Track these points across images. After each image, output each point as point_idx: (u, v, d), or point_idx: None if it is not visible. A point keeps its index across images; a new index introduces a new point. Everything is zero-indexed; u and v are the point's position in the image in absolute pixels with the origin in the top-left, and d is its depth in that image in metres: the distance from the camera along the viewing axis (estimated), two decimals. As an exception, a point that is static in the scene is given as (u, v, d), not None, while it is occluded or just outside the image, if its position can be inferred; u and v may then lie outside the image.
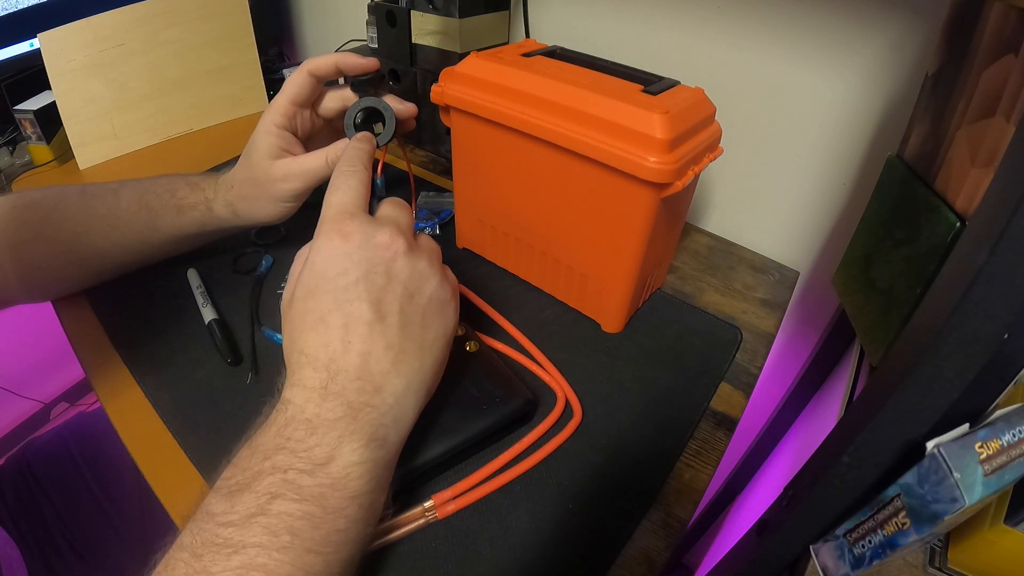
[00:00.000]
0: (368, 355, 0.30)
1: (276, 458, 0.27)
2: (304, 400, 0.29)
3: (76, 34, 0.64)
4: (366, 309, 0.30)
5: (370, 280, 0.31)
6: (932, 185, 0.38)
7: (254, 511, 0.25)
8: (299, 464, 0.27)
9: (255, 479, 0.26)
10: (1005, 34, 0.32)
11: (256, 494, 0.26)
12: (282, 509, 0.25)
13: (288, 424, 0.28)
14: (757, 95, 0.58)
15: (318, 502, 0.26)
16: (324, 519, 0.26)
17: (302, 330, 0.31)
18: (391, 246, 0.32)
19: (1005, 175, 0.20)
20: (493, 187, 0.50)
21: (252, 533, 0.24)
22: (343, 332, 0.30)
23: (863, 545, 0.25)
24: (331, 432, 0.28)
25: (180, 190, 0.47)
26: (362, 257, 0.31)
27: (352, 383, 0.29)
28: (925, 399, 0.22)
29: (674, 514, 0.36)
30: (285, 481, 0.26)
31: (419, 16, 0.66)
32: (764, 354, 0.49)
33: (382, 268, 0.31)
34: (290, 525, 0.25)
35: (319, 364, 0.30)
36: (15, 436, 1.28)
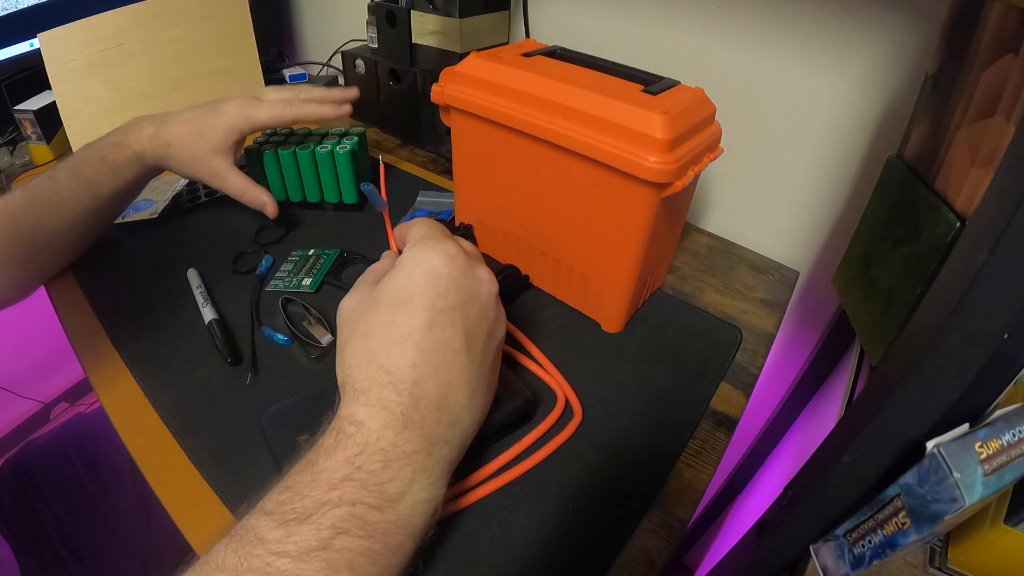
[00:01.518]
0: (450, 385, 0.29)
1: (344, 489, 0.25)
2: (382, 425, 0.27)
3: (76, 34, 0.64)
4: (458, 338, 0.29)
5: (466, 310, 0.30)
6: (932, 185, 0.38)
7: (316, 546, 0.24)
8: (369, 499, 0.25)
9: (318, 510, 0.24)
10: (1005, 34, 0.32)
11: (319, 527, 0.24)
12: (345, 545, 0.24)
13: (362, 452, 0.26)
14: (757, 95, 0.58)
15: (381, 539, 0.25)
16: (384, 556, 0.25)
17: (385, 343, 0.29)
18: (489, 283, 0.32)
19: (1005, 175, 0.20)
20: (493, 187, 0.50)
21: (311, 568, 0.23)
22: (431, 356, 0.29)
23: (863, 545, 0.25)
24: (407, 467, 0.27)
25: (108, 154, 0.49)
26: (463, 285, 0.30)
27: (432, 413, 0.28)
28: (925, 399, 0.22)
29: (674, 514, 0.36)
30: (352, 515, 0.25)
31: (419, 16, 0.66)
32: (764, 354, 0.49)
33: (477, 302, 0.31)
34: (350, 561, 0.24)
35: (403, 386, 0.28)
36: (15, 436, 1.28)
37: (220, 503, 0.35)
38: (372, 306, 0.30)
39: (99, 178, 0.48)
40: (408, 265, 0.30)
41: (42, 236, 0.46)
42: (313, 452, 0.27)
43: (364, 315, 0.30)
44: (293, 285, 0.50)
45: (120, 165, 0.49)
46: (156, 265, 0.52)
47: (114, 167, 0.48)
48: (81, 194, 0.47)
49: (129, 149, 0.49)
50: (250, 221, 0.57)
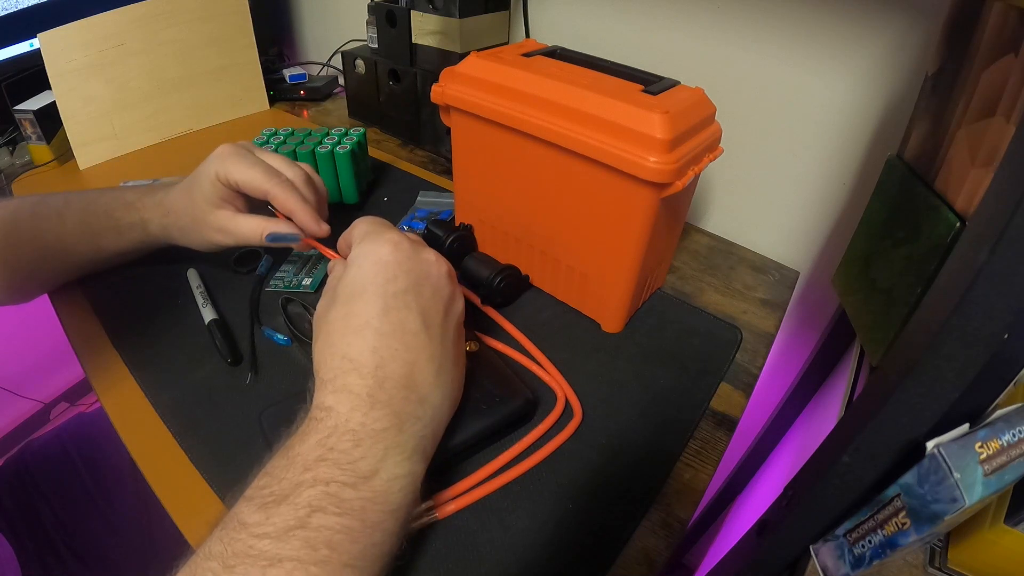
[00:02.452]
0: (414, 364, 0.30)
1: (318, 469, 0.26)
2: (350, 408, 0.28)
3: (76, 34, 0.64)
4: (414, 318, 0.31)
5: (418, 291, 0.32)
6: (932, 185, 0.38)
7: (293, 524, 0.24)
8: (342, 477, 0.26)
9: (294, 491, 0.25)
10: (1005, 34, 0.32)
11: (295, 506, 0.25)
12: (322, 523, 0.25)
13: (332, 434, 0.27)
14: (757, 95, 0.58)
15: (358, 516, 0.26)
16: (363, 533, 0.26)
17: (344, 333, 0.30)
18: (437, 263, 0.34)
19: (1005, 175, 0.20)
20: (493, 187, 0.50)
21: (290, 546, 0.24)
22: (390, 339, 0.30)
23: (863, 545, 0.25)
24: (377, 444, 0.28)
25: (117, 211, 0.47)
26: (411, 268, 0.32)
27: (399, 391, 0.29)
28: (925, 399, 0.22)
29: (674, 514, 0.36)
30: (327, 494, 0.25)
31: (419, 16, 0.66)
32: (764, 354, 0.49)
33: (429, 282, 0.32)
34: (329, 539, 0.25)
35: (366, 370, 0.29)
36: (15, 436, 1.28)
37: (220, 503, 0.35)
38: (331, 304, 0.32)
39: (104, 233, 0.47)
40: (357, 260, 0.32)
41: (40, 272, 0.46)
42: (289, 439, 0.28)
43: (326, 314, 0.32)
44: (293, 285, 0.50)
45: (125, 227, 0.47)
46: (156, 265, 0.52)
47: (119, 228, 0.47)
48: (83, 244, 0.47)
49: (137, 214, 0.47)
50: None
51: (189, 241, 0.47)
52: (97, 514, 0.61)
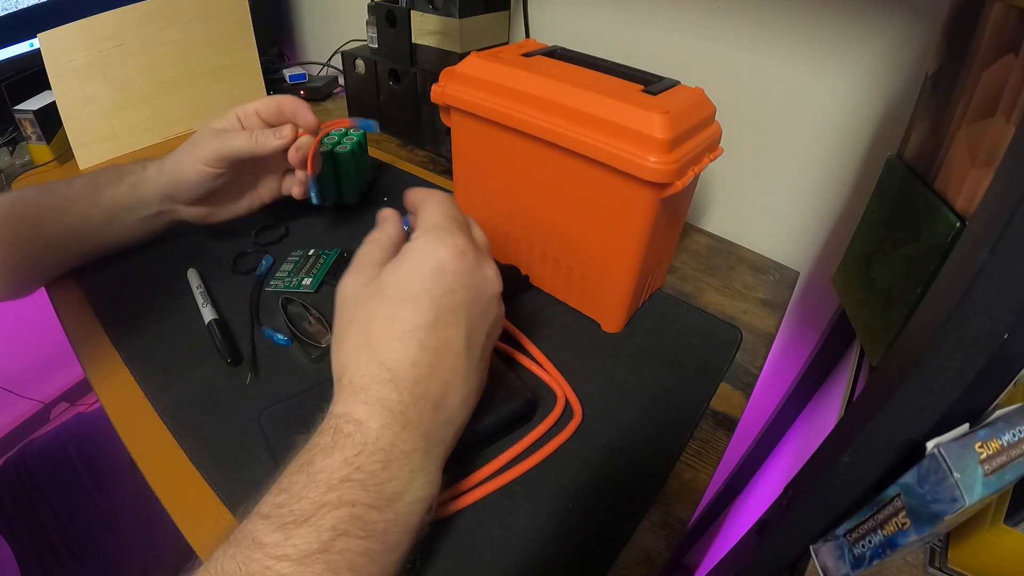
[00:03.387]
0: (448, 386, 0.29)
1: (343, 490, 0.25)
2: (381, 425, 0.27)
3: (76, 34, 0.64)
4: (461, 339, 0.29)
5: (470, 309, 0.30)
6: (932, 185, 0.38)
7: (316, 548, 0.23)
8: (368, 499, 0.25)
9: (317, 512, 0.24)
10: (1005, 34, 0.32)
11: (318, 529, 0.24)
12: (346, 546, 0.24)
13: (361, 452, 0.26)
14: (757, 95, 0.58)
15: (381, 539, 0.25)
16: (383, 554, 0.25)
17: (386, 337, 0.28)
18: (495, 283, 0.32)
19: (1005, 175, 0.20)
20: (493, 187, 0.50)
21: (312, 571, 0.23)
22: (433, 356, 0.28)
23: (863, 545, 0.25)
24: (405, 467, 0.27)
25: (126, 166, 0.49)
26: (470, 284, 0.30)
27: (429, 412, 0.28)
28: (925, 399, 0.22)
29: (674, 514, 0.36)
30: (352, 516, 0.24)
31: (419, 16, 0.66)
32: (764, 354, 0.49)
33: (482, 303, 0.31)
34: (351, 561, 0.24)
35: (403, 384, 0.27)
36: (15, 436, 1.28)
37: (220, 503, 0.35)
38: (375, 296, 0.29)
39: (106, 183, 0.48)
40: (416, 257, 0.30)
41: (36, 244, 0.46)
42: (309, 452, 0.26)
43: (366, 304, 0.29)
44: (293, 285, 0.50)
45: (125, 172, 0.48)
46: (156, 265, 0.52)
47: (120, 174, 0.48)
48: (85, 202, 0.47)
49: (140, 163, 0.49)
50: (250, 221, 0.57)
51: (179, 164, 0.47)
52: (97, 514, 0.60)
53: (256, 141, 0.46)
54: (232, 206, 0.52)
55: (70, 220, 0.46)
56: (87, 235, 0.48)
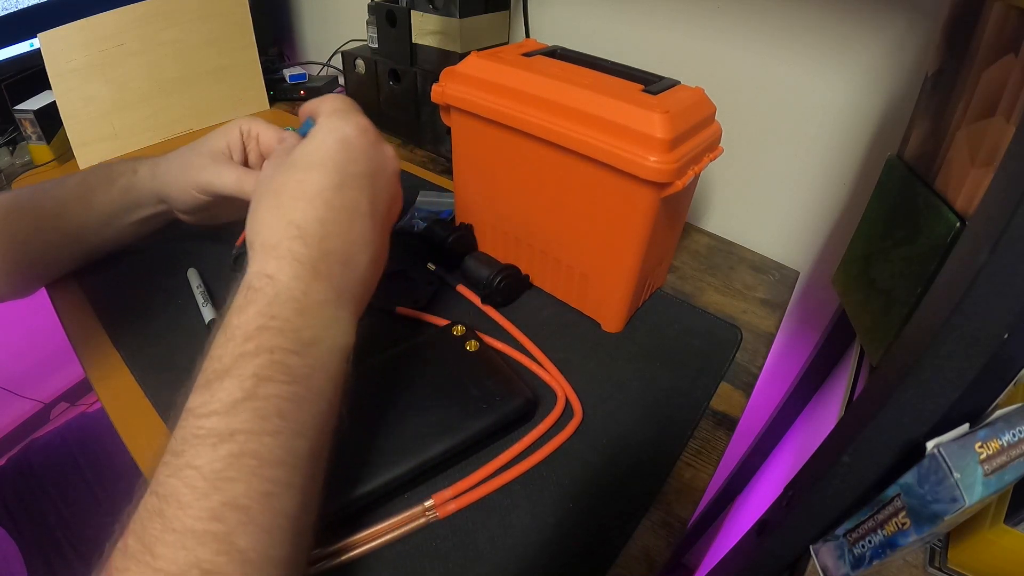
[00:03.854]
0: (355, 244, 0.31)
1: (261, 338, 0.25)
2: (292, 276, 0.28)
3: (76, 34, 0.64)
4: (365, 202, 0.31)
5: (373, 178, 0.32)
6: (932, 185, 0.38)
7: (240, 397, 0.24)
8: (287, 344, 0.26)
9: (236, 362, 0.25)
10: (1005, 34, 0.32)
11: (240, 378, 0.24)
12: (271, 391, 0.24)
13: (274, 302, 0.27)
14: (757, 95, 0.58)
15: (304, 383, 0.26)
16: (310, 400, 0.26)
17: (296, 198, 0.30)
18: (393, 160, 0.34)
19: (1005, 175, 0.21)
20: (493, 187, 0.50)
21: (240, 419, 0.23)
22: (340, 214, 0.30)
23: (863, 545, 0.25)
24: (319, 313, 0.28)
25: (116, 166, 0.48)
26: (372, 156, 0.32)
27: (338, 267, 0.30)
28: (925, 399, 0.22)
29: (674, 514, 0.36)
30: (273, 361, 0.25)
31: (419, 16, 0.66)
32: (764, 354, 0.49)
33: (384, 174, 0.33)
34: (279, 408, 0.24)
35: (312, 239, 0.29)
36: (15, 436, 1.28)
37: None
38: (286, 168, 0.31)
39: (98, 185, 0.47)
40: (322, 133, 0.32)
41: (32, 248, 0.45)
42: (225, 316, 0.27)
43: (277, 176, 0.31)
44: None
45: (116, 174, 0.48)
46: (156, 265, 0.52)
47: (111, 176, 0.47)
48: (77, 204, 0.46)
49: (132, 163, 0.48)
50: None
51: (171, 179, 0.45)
52: (100, 512, 0.61)
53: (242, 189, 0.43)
54: (226, 215, 0.50)
55: (65, 224, 0.46)
56: (84, 238, 0.48)
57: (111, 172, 0.48)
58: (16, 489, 0.61)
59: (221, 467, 0.22)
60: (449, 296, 0.51)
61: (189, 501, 0.22)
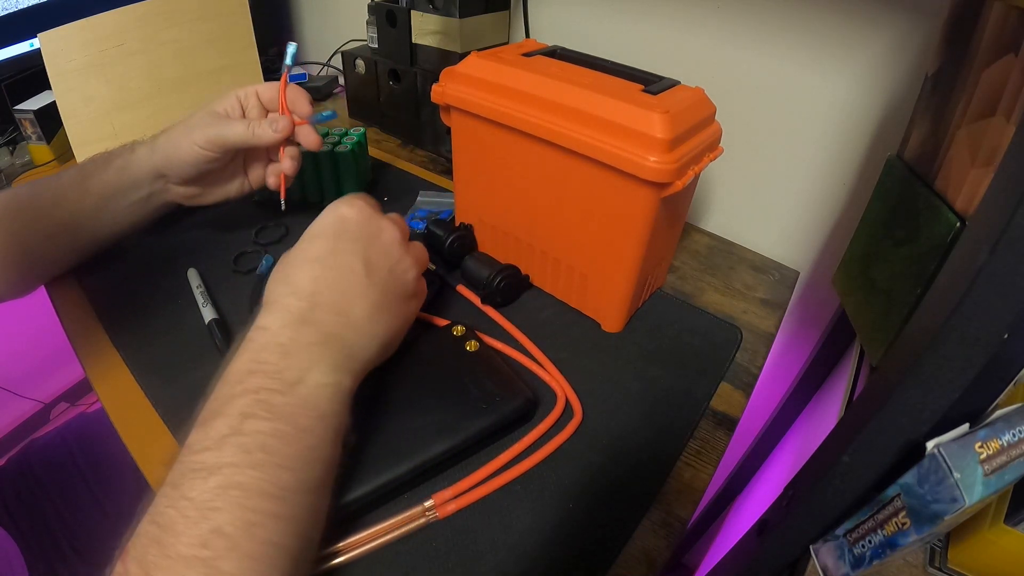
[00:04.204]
0: (347, 295, 0.34)
1: (248, 381, 0.28)
2: (281, 324, 0.31)
3: (76, 34, 0.64)
4: (358, 263, 0.35)
5: (367, 244, 0.36)
6: (932, 185, 0.38)
7: (227, 432, 0.26)
8: (271, 384, 0.28)
9: (227, 403, 0.27)
10: (1005, 34, 0.32)
11: (229, 417, 0.27)
12: (255, 428, 0.27)
13: (263, 349, 0.30)
14: (757, 95, 0.58)
15: (289, 420, 0.28)
16: (295, 436, 0.28)
17: (294, 265, 0.34)
18: (390, 230, 0.37)
19: (1005, 175, 0.21)
20: (493, 187, 0.50)
21: (226, 454, 0.26)
22: (331, 272, 0.34)
23: (863, 545, 0.25)
24: (303, 355, 0.30)
25: (114, 150, 0.49)
26: (365, 227, 0.36)
27: (329, 315, 0.32)
28: (925, 399, 0.22)
29: (674, 514, 0.36)
30: (257, 401, 0.27)
31: (419, 16, 0.66)
32: (764, 354, 0.49)
33: (378, 241, 0.37)
34: (263, 443, 0.26)
35: (303, 293, 0.33)
36: (15, 436, 1.28)
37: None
38: (295, 246, 0.36)
39: (94, 169, 0.47)
40: (323, 214, 0.37)
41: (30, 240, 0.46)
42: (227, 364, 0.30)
43: (286, 255, 0.36)
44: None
45: (113, 156, 0.48)
46: (156, 265, 0.52)
47: (108, 158, 0.48)
48: (73, 191, 0.46)
49: (130, 145, 0.49)
50: (250, 221, 0.57)
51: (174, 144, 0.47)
52: (100, 512, 0.61)
53: (253, 132, 0.47)
54: (222, 189, 0.52)
55: (61, 213, 0.46)
56: (79, 226, 0.47)
57: (108, 155, 0.48)
58: (16, 489, 0.61)
59: (209, 498, 0.24)
60: (449, 296, 0.51)
61: (182, 529, 0.24)
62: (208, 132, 0.46)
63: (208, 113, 0.48)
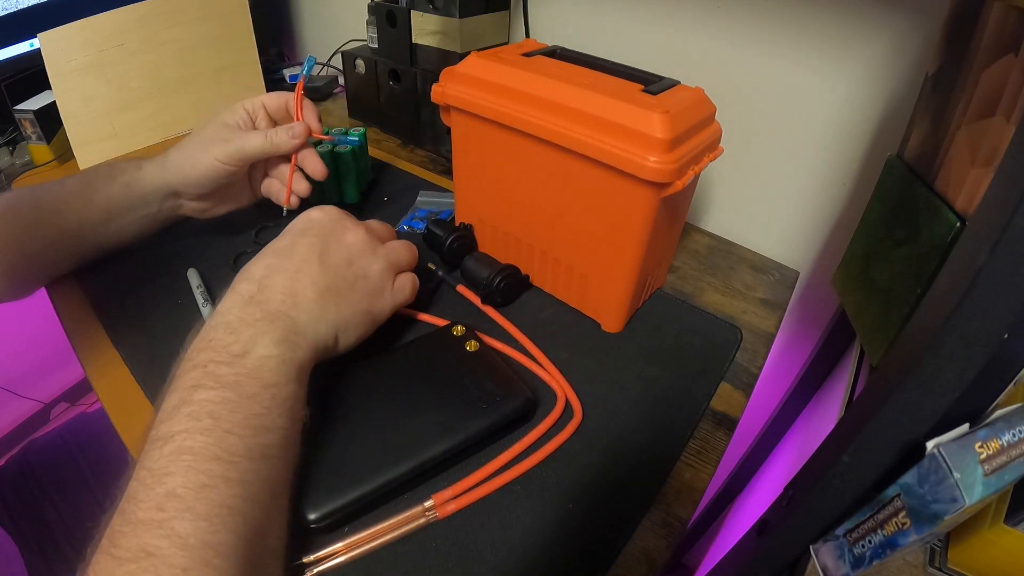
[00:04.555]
0: (296, 280, 0.35)
1: (198, 357, 0.31)
2: (230, 305, 0.33)
3: (76, 34, 0.64)
4: (312, 254, 0.37)
5: (326, 238, 0.38)
6: (932, 185, 0.38)
7: (178, 403, 0.28)
8: (218, 357, 0.30)
9: (180, 378, 0.30)
10: (1005, 34, 0.32)
11: (180, 389, 0.29)
12: (202, 396, 0.28)
13: (213, 329, 0.32)
14: (757, 95, 0.58)
15: (234, 388, 0.29)
16: (241, 403, 0.29)
17: (258, 258, 0.37)
18: (354, 230, 0.40)
19: (1005, 175, 0.21)
20: (493, 187, 0.50)
21: (178, 422, 0.27)
22: (283, 260, 0.36)
23: (863, 545, 0.25)
24: (248, 330, 0.32)
25: (119, 164, 0.49)
26: (327, 225, 0.39)
27: (276, 295, 0.34)
28: (925, 399, 0.22)
29: (674, 514, 0.36)
30: (205, 373, 0.29)
31: (419, 16, 0.66)
32: (764, 354, 0.49)
33: (337, 237, 0.39)
34: (210, 410, 0.28)
35: (254, 279, 0.35)
36: (15, 436, 1.28)
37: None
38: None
39: (98, 181, 0.47)
40: (295, 219, 0.40)
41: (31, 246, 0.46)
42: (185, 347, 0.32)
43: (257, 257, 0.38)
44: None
45: (118, 171, 0.48)
46: (156, 265, 0.52)
47: (112, 172, 0.48)
48: (77, 201, 0.46)
49: (136, 160, 0.49)
50: (250, 221, 0.57)
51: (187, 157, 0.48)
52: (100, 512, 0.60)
53: (271, 142, 0.48)
54: (234, 200, 0.53)
55: (63, 221, 0.46)
56: (83, 235, 0.47)
57: (113, 169, 0.48)
58: (16, 489, 0.61)
59: (164, 464, 0.26)
60: (449, 296, 0.51)
61: (141, 497, 0.25)
62: (228, 147, 0.47)
63: (221, 126, 0.48)
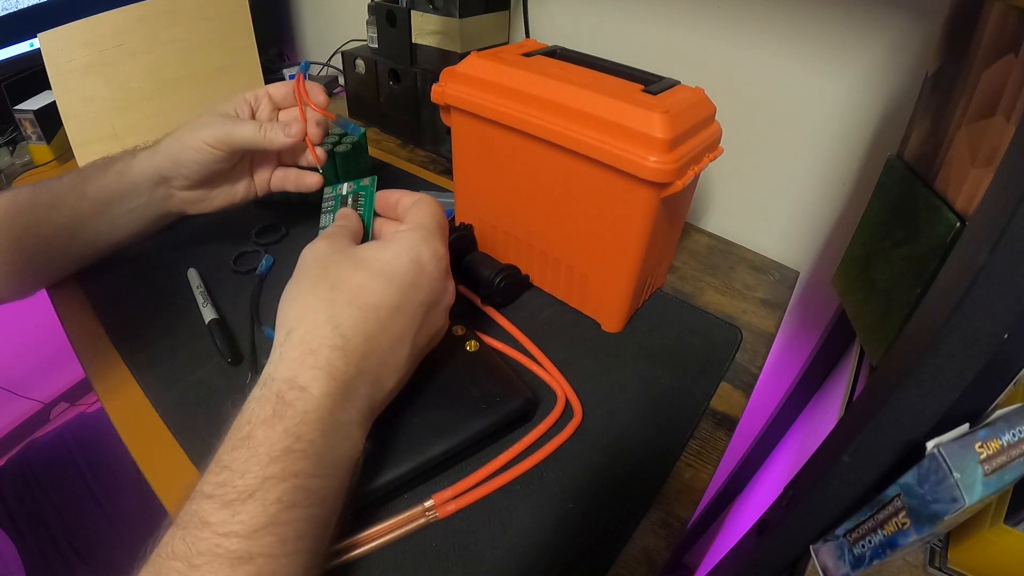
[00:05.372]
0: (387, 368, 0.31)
1: (286, 461, 0.25)
2: (324, 393, 0.27)
3: (76, 34, 0.64)
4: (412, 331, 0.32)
5: (428, 310, 0.33)
6: (932, 185, 0.38)
7: (264, 522, 0.24)
8: (311, 468, 0.26)
9: (262, 486, 0.24)
10: (1005, 34, 0.32)
11: (264, 503, 0.24)
12: (294, 516, 0.25)
13: (303, 422, 0.26)
14: (757, 95, 0.58)
15: (324, 504, 0.27)
16: (325, 519, 0.27)
17: (350, 302, 0.29)
18: (451, 295, 0.35)
19: (1005, 175, 0.21)
20: (493, 187, 0.50)
21: (262, 544, 0.23)
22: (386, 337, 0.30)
23: (863, 545, 0.25)
24: (348, 438, 0.29)
25: (114, 155, 0.48)
26: (435, 288, 0.33)
27: (368, 388, 0.30)
28: (925, 399, 0.22)
29: (674, 514, 0.36)
30: (297, 488, 0.25)
31: (419, 16, 0.66)
32: (764, 354, 0.49)
33: (438, 309, 0.34)
34: (299, 531, 0.25)
35: (353, 356, 0.29)
36: (15, 436, 1.28)
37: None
38: (349, 264, 0.31)
39: (92, 173, 0.47)
40: (400, 245, 0.32)
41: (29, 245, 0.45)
42: (248, 424, 0.27)
43: (336, 267, 0.31)
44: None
45: (112, 160, 0.48)
46: (156, 265, 0.52)
47: (106, 163, 0.47)
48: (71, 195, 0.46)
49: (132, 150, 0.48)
50: (250, 221, 0.57)
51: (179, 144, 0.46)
52: (100, 513, 0.61)
53: (264, 136, 0.46)
54: (227, 194, 0.51)
55: (59, 216, 0.45)
56: (76, 230, 0.47)
57: (108, 160, 0.48)
58: (16, 489, 0.61)
59: None
60: (449, 296, 0.51)
61: None
62: (216, 131, 0.45)
63: (215, 114, 0.47)
